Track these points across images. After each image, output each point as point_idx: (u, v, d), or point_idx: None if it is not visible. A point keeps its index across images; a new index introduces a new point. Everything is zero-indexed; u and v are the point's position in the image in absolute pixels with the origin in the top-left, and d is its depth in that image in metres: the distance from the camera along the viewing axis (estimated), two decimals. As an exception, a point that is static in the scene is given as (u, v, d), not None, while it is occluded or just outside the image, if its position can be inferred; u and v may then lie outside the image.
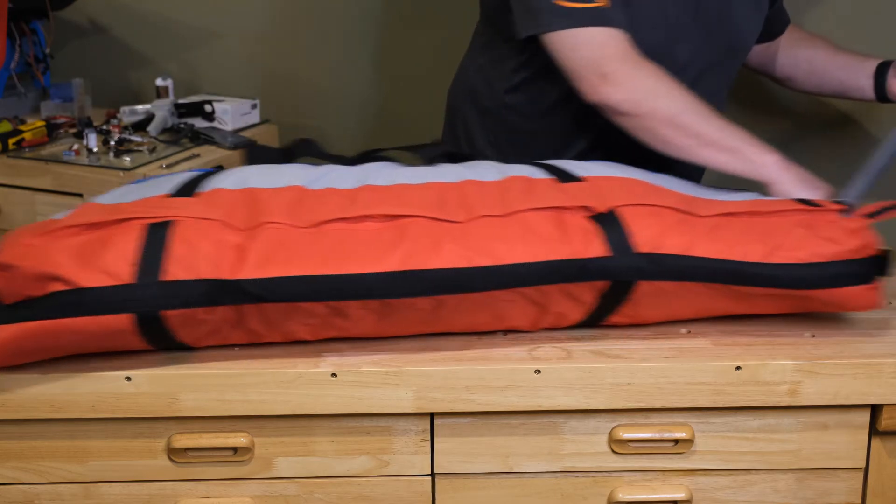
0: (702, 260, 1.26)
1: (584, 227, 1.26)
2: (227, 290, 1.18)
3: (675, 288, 1.28)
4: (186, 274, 1.18)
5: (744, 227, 1.30)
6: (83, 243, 1.20)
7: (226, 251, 1.20)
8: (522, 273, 1.22)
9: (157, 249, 1.19)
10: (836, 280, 1.28)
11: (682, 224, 1.28)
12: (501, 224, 1.26)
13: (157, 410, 1.25)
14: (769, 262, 1.27)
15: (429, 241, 1.22)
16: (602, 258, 1.24)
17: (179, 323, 1.21)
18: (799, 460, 1.32)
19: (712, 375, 1.26)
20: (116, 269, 1.18)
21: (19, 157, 2.22)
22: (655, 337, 1.33)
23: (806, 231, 1.30)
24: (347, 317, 1.25)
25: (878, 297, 1.31)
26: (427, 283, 1.20)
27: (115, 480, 1.30)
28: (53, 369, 1.24)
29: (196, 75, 2.68)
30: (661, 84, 1.51)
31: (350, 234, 1.24)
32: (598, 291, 1.27)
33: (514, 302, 1.27)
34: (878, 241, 1.30)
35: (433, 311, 1.26)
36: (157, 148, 2.27)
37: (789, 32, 1.92)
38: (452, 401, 1.26)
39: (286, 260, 1.20)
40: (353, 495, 1.32)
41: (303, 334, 1.28)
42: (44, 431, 1.27)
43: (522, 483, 1.32)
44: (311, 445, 1.29)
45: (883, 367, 1.26)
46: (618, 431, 1.30)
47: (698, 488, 1.33)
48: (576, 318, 1.32)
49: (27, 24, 2.53)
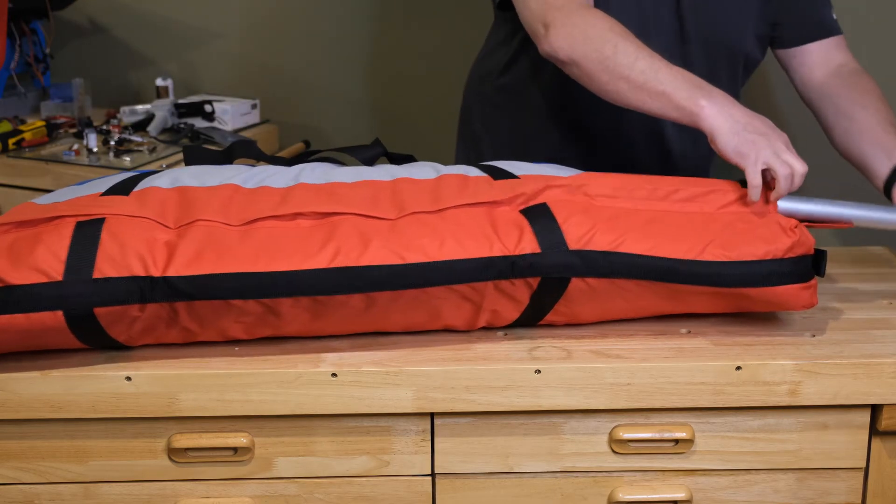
0: (632, 257, 1.25)
1: (515, 222, 1.26)
2: (157, 287, 1.18)
3: (607, 286, 1.28)
4: (117, 271, 1.18)
5: (678, 223, 1.30)
6: (13, 241, 1.21)
7: (156, 248, 1.20)
8: (454, 270, 1.22)
9: (87, 247, 1.19)
10: (769, 279, 1.27)
11: (614, 220, 1.28)
12: (433, 221, 1.26)
13: (157, 410, 1.25)
14: (701, 259, 1.26)
15: (359, 238, 1.22)
16: (532, 254, 1.24)
17: (111, 320, 1.21)
18: (799, 460, 1.32)
19: (712, 375, 1.26)
20: (46, 266, 1.18)
21: (19, 156, 2.23)
22: (656, 337, 1.33)
23: (741, 227, 1.29)
24: (280, 315, 1.24)
25: (813, 296, 1.30)
26: (358, 280, 1.20)
27: (115, 480, 1.30)
28: (54, 370, 1.24)
29: (196, 75, 2.68)
30: (597, 29, 1.45)
31: (281, 231, 1.24)
32: (531, 289, 1.27)
33: (448, 300, 1.27)
34: (812, 240, 1.30)
35: (367, 310, 1.25)
36: (157, 148, 2.27)
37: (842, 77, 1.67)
38: (452, 401, 1.26)
39: (216, 257, 1.20)
40: (353, 495, 1.32)
41: (237, 332, 1.28)
42: (44, 431, 1.27)
43: (522, 483, 1.32)
44: (312, 445, 1.29)
45: (883, 367, 1.26)
46: (618, 431, 1.30)
47: (698, 488, 1.33)
48: (512, 316, 1.32)
49: (27, 24, 2.53)
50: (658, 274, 1.26)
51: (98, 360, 1.25)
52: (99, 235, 1.21)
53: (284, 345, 1.29)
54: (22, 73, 2.54)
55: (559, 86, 1.66)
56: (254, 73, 2.64)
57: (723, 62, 1.69)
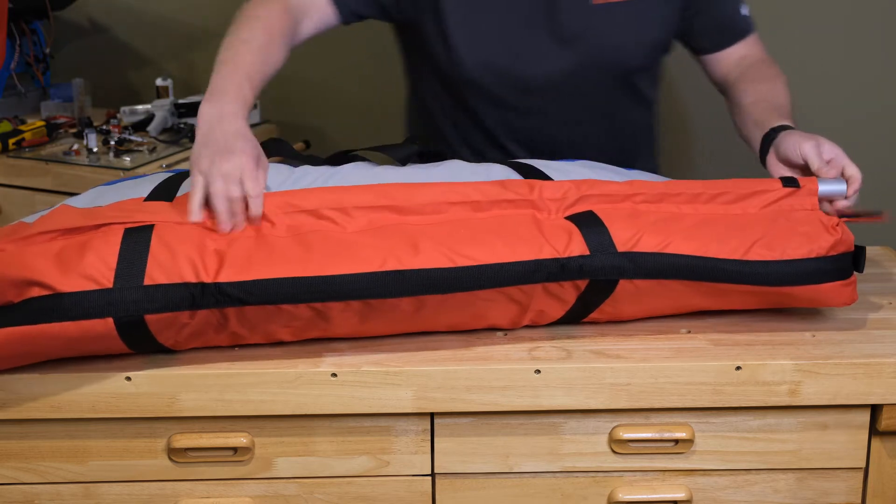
0: (679, 258, 1.27)
1: (563, 227, 1.27)
2: (208, 293, 1.18)
3: (653, 286, 1.29)
4: (167, 278, 1.18)
5: (723, 225, 1.31)
6: (62, 248, 1.20)
7: (206, 255, 1.20)
8: (505, 272, 1.23)
9: (137, 254, 1.19)
10: (813, 277, 1.29)
11: (660, 223, 1.30)
12: (481, 224, 1.27)
13: (158, 410, 1.25)
14: (747, 258, 1.28)
15: (409, 241, 1.23)
16: (581, 257, 1.25)
17: (161, 327, 1.21)
18: (799, 460, 1.32)
19: (712, 375, 1.26)
20: (96, 273, 1.17)
21: (19, 156, 2.23)
22: (655, 337, 1.33)
23: (784, 226, 1.31)
24: (330, 319, 1.25)
25: (853, 293, 1.33)
26: (410, 284, 1.21)
27: (115, 480, 1.30)
28: (54, 370, 1.24)
29: (196, 75, 2.69)
30: (251, 13, 1.51)
31: (331, 234, 1.24)
32: (578, 290, 1.28)
33: (496, 301, 1.27)
34: (852, 237, 1.31)
35: (416, 313, 1.26)
36: (156, 148, 2.27)
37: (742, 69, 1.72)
38: (452, 401, 1.26)
39: (267, 262, 1.20)
40: (352, 495, 1.32)
41: (285, 336, 1.28)
42: (44, 431, 1.28)
43: (522, 483, 1.33)
44: (311, 445, 1.30)
45: (883, 367, 1.26)
46: (618, 431, 1.30)
47: (698, 488, 1.33)
48: (556, 315, 1.33)
49: (27, 25, 2.53)
50: (705, 274, 1.28)
51: (98, 361, 1.25)
52: (149, 242, 1.20)
53: (284, 345, 1.29)
54: (22, 73, 2.54)
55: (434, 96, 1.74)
56: (254, 73, 2.63)
57: (610, 75, 1.70)
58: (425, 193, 1.30)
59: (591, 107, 1.71)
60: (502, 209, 1.31)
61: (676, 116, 2.40)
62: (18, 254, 1.19)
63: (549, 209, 1.32)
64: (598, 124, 1.73)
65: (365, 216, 1.27)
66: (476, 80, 1.66)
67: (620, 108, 1.74)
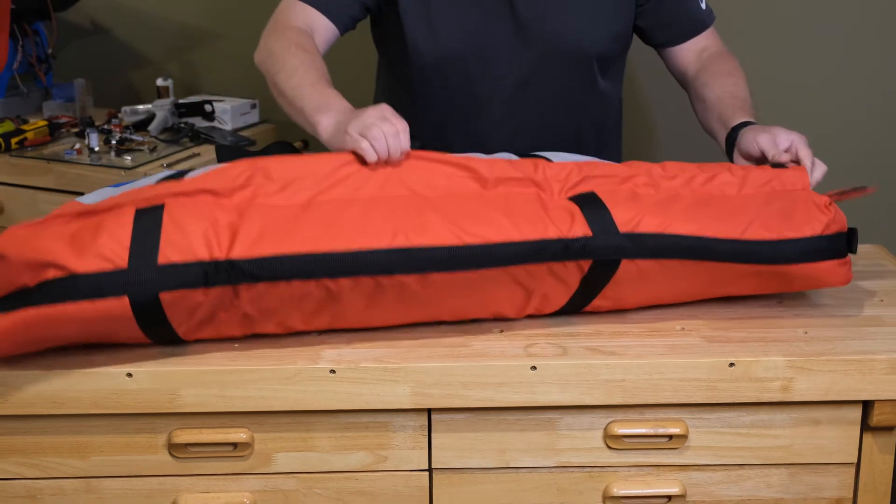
0: (679, 238, 1.29)
1: (566, 207, 1.30)
2: (221, 269, 1.20)
3: (655, 267, 1.31)
4: (181, 256, 1.19)
5: (720, 205, 1.34)
6: (76, 230, 1.21)
7: (219, 231, 1.21)
8: (511, 252, 1.25)
9: (150, 232, 1.20)
10: (810, 255, 1.32)
11: (659, 205, 1.32)
12: (487, 202, 1.30)
13: (158, 406, 1.26)
14: (744, 238, 1.31)
15: (419, 218, 1.25)
16: (584, 237, 1.27)
17: (175, 305, 1.22)
18: (791, 455, 1.33)
19: (706, 372, 1.27)
20: (111, 253, 1.18)
21: (22, 156, 2.24)
22: (650, 334, 1.34)
23: (779, 206, 1.34)
24: (339, 300, 1.26)
25: (849, 272, 1.36)
26: (420, 261, 1.23)
27: (117, 475, 1.31)
28: (55, 366, 1.25)
29: (196, 75, 2.70)
30: (279, 46, 1.57)
31: (340, 209, 1.26)
32: (581, 272, 1.30)
33: (501, 283, 1.29)
34: (844, 217, 1.34)
35: (422, 292, 1.27)
36: (157, 147, 2.28)
37: (701, 62, 1.74)
38: (449, 397, 1.27)
39: (279, 237, 1.22)
40: (351, 490, 1.33)
41: (296, 322, 1.29)
42: (46, 427, 1.29)
43: (518, 478, 1.34)
44: (310, 441, 1.31)
45: (874, 364, 1.28)
46: (612, 427, 1.31)
47: (692, 483, 1.34)
48: (560, 301, 1.34)
49: (29, 25, 2.55)
50: (704, 253, 1.31)
51: (100, 357, 1.26)
52: (161, 221, 1.21)
53: (283, 341, 1.30)
54: (24, 73, 2.55)
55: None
56: (254, 73, 2.63)
57: (570, 65, 1.72)
58: (433, 167, 1.35)
59: (554, 100, 1.73)
60: (508, 187, 1.34)
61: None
62: (33, 237, 1.20)
63: (552, 189, 1.34)
64: (561, 120, 1.74)
65: (375, 183, 1.31)
66: (437, 69, 1.68)
67: (583, 105, 1.76)
